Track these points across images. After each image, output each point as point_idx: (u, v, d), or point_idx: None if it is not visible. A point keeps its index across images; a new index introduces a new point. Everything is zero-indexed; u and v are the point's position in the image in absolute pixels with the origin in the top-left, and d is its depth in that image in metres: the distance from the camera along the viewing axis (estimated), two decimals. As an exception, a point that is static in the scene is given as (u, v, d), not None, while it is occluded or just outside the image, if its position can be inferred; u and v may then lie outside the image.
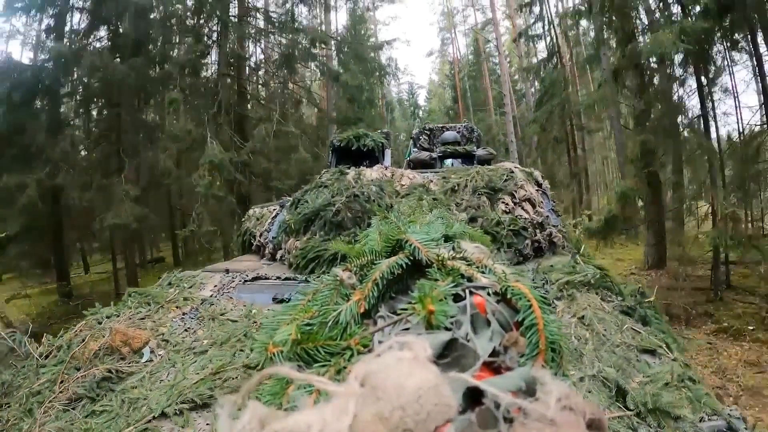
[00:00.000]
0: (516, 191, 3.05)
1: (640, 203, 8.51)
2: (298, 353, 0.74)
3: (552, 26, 13.03)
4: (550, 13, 12.94)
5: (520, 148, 15.94)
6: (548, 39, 13.35)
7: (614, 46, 8.30)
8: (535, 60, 14.55)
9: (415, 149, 5.34)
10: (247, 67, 11.70)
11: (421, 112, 31.22)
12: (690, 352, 4.85)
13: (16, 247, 8.73)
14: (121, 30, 9.33)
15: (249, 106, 11.80)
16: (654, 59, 6.73)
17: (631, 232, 8.88)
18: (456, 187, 3.09)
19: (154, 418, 1.32)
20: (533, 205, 3.02)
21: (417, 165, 4.52)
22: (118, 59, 8.72)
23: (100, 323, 1.93)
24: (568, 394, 0.37)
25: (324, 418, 0.30)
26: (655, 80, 7.92)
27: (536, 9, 12.93)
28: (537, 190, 3.20)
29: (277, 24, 11.22)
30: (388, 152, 4.51)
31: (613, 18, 7.55)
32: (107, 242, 10.58)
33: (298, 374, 0.36)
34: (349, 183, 3.05)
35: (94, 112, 11.00)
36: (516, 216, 2.85)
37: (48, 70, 8.50)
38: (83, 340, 1.75)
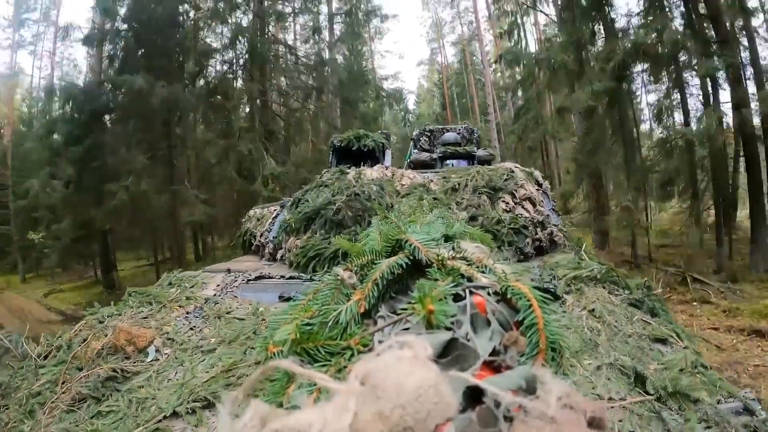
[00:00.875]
0: (516, 190, 3.05)
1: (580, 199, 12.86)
2: (297, 353, 0.74)
3: (527, 50, 15.15)
4: (526, 39, 15.63)
5: (503, 153, 17.33)
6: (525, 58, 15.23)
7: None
8: (517, 70, 15.98)
9: (416, 150, 5.34)
10: (274, 93, 13.75)
11: (411, 116, 31.52)
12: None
13: (72, 247, 10.54)
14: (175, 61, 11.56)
15: (283, 125, 14.04)
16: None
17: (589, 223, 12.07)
18: (456, 187, 3.09)
19: (165, 417, 1.29)
20: (534, 204, 3.02)
21: (417, 166, 4.52)
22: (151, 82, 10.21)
23: (101, 322, 1.90)
24: (568, 392, 0.37)
25: (325, 416, 0.30)
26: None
27: (514, 36, 15.31)
28: (537, 190, 3.19)
29: (309, 64, 13.72)
30: (388, 152, 4.52)
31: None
32: (138, 241, 12.50)
33: (300, 369, 0.36)
34: (350, 182, 3.05)
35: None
36: (516, 215, 2.85)
37: (117, 95, 10.16)
38: (84, 340, 1.71)
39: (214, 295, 2.22)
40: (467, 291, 0.70)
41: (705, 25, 8.64)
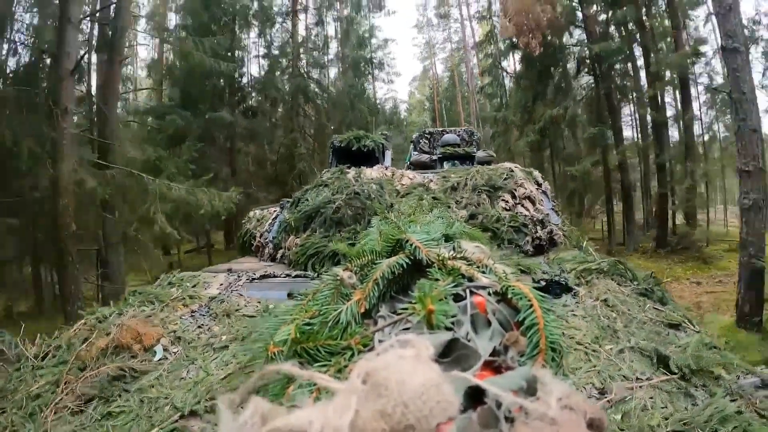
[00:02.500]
0: (516, 189, 3.05)
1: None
2: (298, 353, 0.74)
3: (504, 86, 19.30)
4: (503, 76, 19.13)
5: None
6: (500, 93, 19.64)
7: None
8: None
9: (415, 152, 5.36)
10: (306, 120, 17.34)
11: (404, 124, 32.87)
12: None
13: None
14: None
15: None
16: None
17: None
18: (456, 186, 3.10)
19: (182, 416, 1.24)
20: (533, 203, 3.02)
21: (417, 167, 4.53)
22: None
23: (100, 322, 1.85)
24: (568, 393, 0.37)
25: (326, 414, 0.30)
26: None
27: (492, 73, 19.30)
28: (537, 189, 3.20)
29: (337, 100, 17.06)
30: (388, 153, 4.52)
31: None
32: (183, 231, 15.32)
33: (301, 371, 0.36)
34: (350, 181, 3.05)
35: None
36: (516, 213, 2.86)
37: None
38: (85, 340, 1.66)
39: (219, 293, 2.19)
40: (467, 291, 0.70)
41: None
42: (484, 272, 0.81)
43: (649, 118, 12.78)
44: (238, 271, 2.55)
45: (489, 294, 0.69)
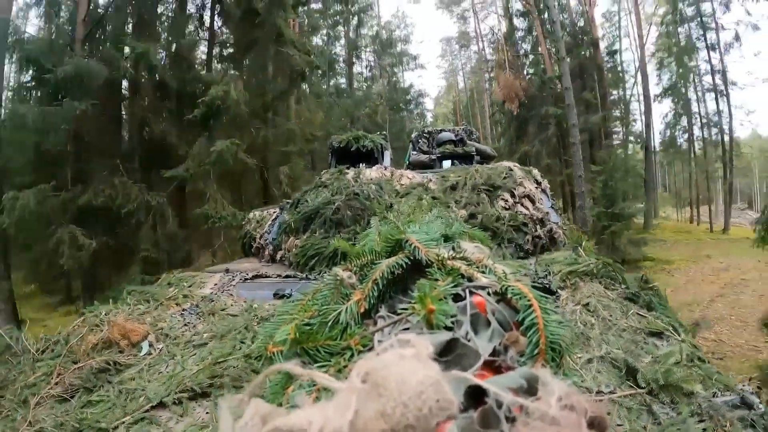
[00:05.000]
0: (515, 188, 3.05)
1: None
2: (297, 353, 0.74)
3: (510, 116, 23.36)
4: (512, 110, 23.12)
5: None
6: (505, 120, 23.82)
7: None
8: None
9: (414, 152, 5.35)
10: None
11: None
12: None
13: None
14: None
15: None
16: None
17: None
18: (455, 185, 3.10)
19: (152, 407, 1.32)
20: (533, 202, 3.02)
21: (417, 167, 4.52)
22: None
23: (96, 317, 1.94)
24: (569, 393, 0.37)
25: (326, 414, 0.30)
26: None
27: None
28: (536, 188, 3.20)
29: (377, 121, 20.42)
30: (387, 153, 4.51)
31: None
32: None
33: (302, 370, 0.36)
34: (349, 182, 3.05)
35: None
36: (516, 212, 2.86)
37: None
38: (81, 336, 1.76)
39: (211, 293, 2.25)
40: (467, 291, 0.70)
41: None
42: (483, 272, 0.81)
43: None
44: (234, 272, 2.58)
45: (488, 294, 0.69)
